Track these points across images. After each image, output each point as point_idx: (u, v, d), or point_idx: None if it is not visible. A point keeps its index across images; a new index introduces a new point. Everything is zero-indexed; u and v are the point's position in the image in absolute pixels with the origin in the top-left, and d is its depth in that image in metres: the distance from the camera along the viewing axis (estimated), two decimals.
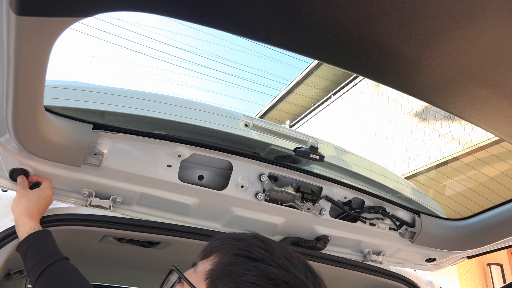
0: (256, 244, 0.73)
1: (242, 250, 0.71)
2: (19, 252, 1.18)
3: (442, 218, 1.84)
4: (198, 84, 55.18)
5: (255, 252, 0.71)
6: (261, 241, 0.74)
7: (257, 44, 18.32)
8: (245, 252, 0.71)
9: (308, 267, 0.74)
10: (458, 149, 6.47)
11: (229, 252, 0.72)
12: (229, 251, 0.72)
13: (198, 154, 1.42)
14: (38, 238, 1.18)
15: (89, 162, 1.31)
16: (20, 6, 0.69)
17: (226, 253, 0.72)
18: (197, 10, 0.71)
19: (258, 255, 0.70)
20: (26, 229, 1.19)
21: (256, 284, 0.66)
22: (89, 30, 21.31)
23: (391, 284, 1.88)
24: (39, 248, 1.16)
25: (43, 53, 0.84)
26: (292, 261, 0.72)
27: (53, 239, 1.20)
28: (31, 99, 0.99)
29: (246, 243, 0.73)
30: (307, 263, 0.76)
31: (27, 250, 1.15)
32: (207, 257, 0.75)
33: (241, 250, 0.72)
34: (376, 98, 8.80)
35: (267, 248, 0.72)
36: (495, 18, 0.66)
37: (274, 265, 0.69)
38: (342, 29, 0.71)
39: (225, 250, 0.73)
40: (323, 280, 0.76)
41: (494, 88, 0.83)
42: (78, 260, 1.79)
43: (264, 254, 0.71)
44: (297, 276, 0.69)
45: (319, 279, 0.74)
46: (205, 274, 0.70)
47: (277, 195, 1.53)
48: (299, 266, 0.72)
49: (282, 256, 0.72)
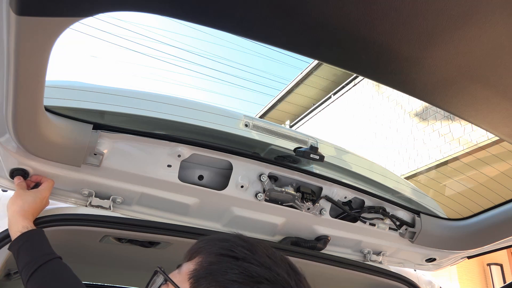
0: (239, 244, 0.74)
1: (225, 250, 0.72)
2: (11, 251, 1.16)
3: (442, 218, 1.84)
4: (198, 84, 55.18)
5: (238, 252, 0.72)
6: (244, 241, 0.75)
7: (257, 44, 18.32)
8: (228, 251, 0.72)
9: (290, 266, 0.75)
10: (458, 149, 6.47)
11: (212, 252, 0.73)
12: (213, 251, 0.73)
13: (198, 154, 1.42)
14: (30, 237, 1.16)
15: (89, 162, 1.31)
16: (20, 6, 0.69)
17: (210, 253, 0.73)
18: (197, 10, 0.71)
19: (241, 254, 0.71)
20: (19, 227, 1.17)
21: (238, 282, 0.67)
22: (89, 30, 21.30)
23: (391, 284, 1.88)
24: (31, 247, 1.14)
25: (43, 53, 0.84)
26: (275, 260, 0.73)
27: (46, 239, 1.19)
28: (31, 99, 0.99)
29: (230, 243, 0.74)
30: (290, 262, 0.77)
31: (19, 249, 1.14)
32: (192, 258, 0.76)
33: (224, 249, 0.73)
34: (376, 98, 8.80)
35: (250, 247, 0.73)
36: (495, 18, 0.66)
37: (256, 264, 0.70)
38: (342, 29, 0.71)
39: (208, 250, 0.74)
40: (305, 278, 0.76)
41: (494, 88, 0.83)
42: (78, 260, 1.79)
43: (247, 253, 0.72)
44: (279, 274, 0.70)
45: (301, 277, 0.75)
46: (188, 274, 0.71)
47: (277, 195, 1.53)
48: (281, 264, 0.73)
49: (264, 255, 0.73)
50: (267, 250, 0.75)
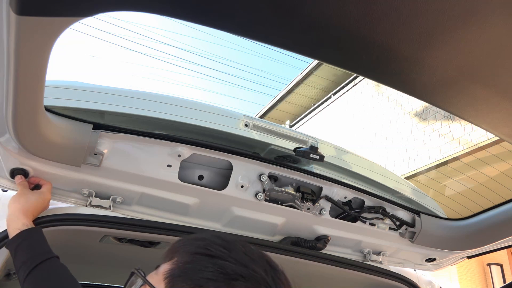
0: (216, 242, 0.74)
1: (201, 249, 0.73)
2: (8, 249, 1.15)
3: (442, 218, 1.84)
4: (198, 84, 55.16)
5: (214, 250, 0.72)
6: (222, 239, 0.75)
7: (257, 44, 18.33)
8: (204, 250, 0.72)
9: (269, 263, 0.75)
10: (458, 149, 6.47)
11: (188, 252, 0.73)
12: (188, 251, 0.73)
13: (198, 154, 1.42)
14: (29, 235, 1.16)
15: (89, 162, 1.31)
16: (20, 6, 0.69)
17: (186, 253, 0.73)
18: (197, 10, 0.71)
19: (216, 252, 0.71)
20: (19, 225, 1.17)
21: (213, 279, 0.67)
22: (89, 30, 21.31)
23: (391, 284, 1.88)
24: (29, 245, 1.14)
25: (43, 53, 0.84)
26: (252, 257, 0.73)
27: (44, 238, 1.18)
28: (31, 99, 0.99)
29: (206, 241, 0.74)
30: (269, 259, 0.76)
31: (17, 247, 1.13)
32: (169, 258, 0.76)
33: (200, 248, 0.73)
34: (376, 98, 8.80)
35: (226, 245, 0.74)
36: (495, 18, 0.66)
37: (232, 261, 0.70)
38: (342, 29, 0.71)
39: (184, 250, 0.74)
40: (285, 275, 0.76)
41: (494, 88, 0.83)
42: (78, 260, 1.79)
43: (223, 251, 0.72)
44: (256, 271, 0.70)
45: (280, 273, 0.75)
46: (164, 274, 0.71)
47: (277, 195, 1.53)
48: (259, 262, 0.73)
49: (241, 253, 0.73)
50: (244, 247, 0.75)
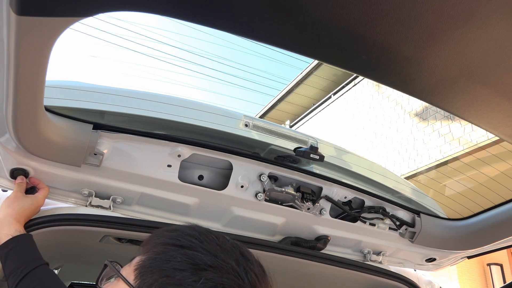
0: (188, 233, 0.74)
1: (172, 239, 0.73)
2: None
3: (442, 218, 1.84)
4: (198, 84, 55.18)
5: (184, 240, 0.72)
6: (195, 230, 0.75)
7: (257, 44, 18.33)
8: (174, 241, 0.72)
9: (242, 254, 0.75)
10: (458, 149, 6.47)
11: (159, 243, 0.73)
12: (160, 242, 0.74)
13: (198, 154, 1.42)
14: (20, 242, 1.16)
15: (89, 162, 1.31)
16: (20, 6, 0.69)
17: (157, 244, 0.73)
18: (197, 10, 0.71)
19: (187, 243, 0.71)
20: (11, 231, 1.17)
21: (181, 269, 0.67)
22: (89, 30, 21.32)
23: (391, 284, 1.88)
24: (21, 252, 1.14)
25: (43, 53, 0.84)
26: (225, 248, 0.73)
27: (34, 244, 1.18)
28: (31, 99, 0.99)
29: (178, 232, 0.74)
30: (243, 250, 0.76)
31: (8, 253, 1.12)
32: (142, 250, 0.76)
33: (171, 239, 0.73)
34: (376, 98, 8.80)
35: (198, 236, 0.73)
36: (495, 18, 0.66)
37: (201, 251, 0.70)
38: (342, 29, 0.71)
39: (156, 241, 0.74)
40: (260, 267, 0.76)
41: (494, 88, 0.83)
42: (78, 260, 1.79)
43: (193, 241, 0.72)
44: (226, 261, 0.70)
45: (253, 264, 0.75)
46: (135, 266, 0.72)
47: (277, 195, 1.53)
48: (231, 252, 0.73)
49: (213, 243, 0.73)
50: (218, 238, 0.75)
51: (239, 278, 0.70)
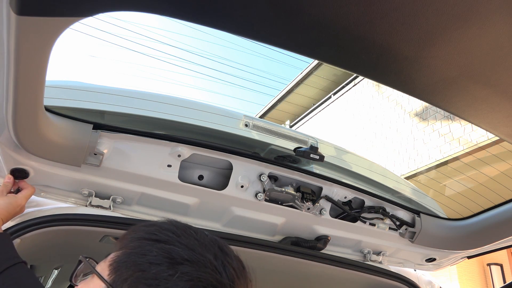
0: (166, 228, 0.73)
1: (148, 234, 0.72)
2: None
3: (442, 218, 1.84)
4: (198, 84, 55.16)
5: (161, 235, 0.71)
6: (173, 225, 0.74)
7: (257, 44, 18.34)
8: (151, 235, 0.71)
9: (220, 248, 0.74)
10: (458, 149, 6.47)
11: (135, 237, 0.72)
12: (136, 236, 0.73)
13: (198, 154, 1.42)
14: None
15: (89, 162, 1.31)
16: (20, 6, 0.69)
17: (133, 239, 0.72)
18: (197, 10, 0.71)
19: (164, 237, 0.70)
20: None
21: (155, 263, 0.66)
22: (89, 30, 21.33)
23: (391, 284, 1.88)
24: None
25: (43, 53, 0.84)
26: (203, 242, 0.72)
27: (11, 242, 1.14)
28: (31, 99, 0.99)
29: (155, 227, 0.73)
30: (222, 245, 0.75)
31: None
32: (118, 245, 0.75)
33: (148, 234, 0.72)
34: (376, 98, 8.80)
35: (176, 230, 0.72)
36: (495, 18, 0.66)
37: (178, 245, 0.69)
38: (342, 29, 0.71)
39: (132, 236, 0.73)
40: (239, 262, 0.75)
41: (494, 88, 0.83)
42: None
43: (170, 236, 0.71)
44: (203, 255, 0.69)
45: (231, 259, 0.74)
46: (110, 261, 0.71)
47: (277, 195, 1.53)
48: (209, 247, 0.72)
49: (191, 238, 0.72)
50: (196, 233, 0.74)
51: (217, 272, 0.69)
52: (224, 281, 0.69)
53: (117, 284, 0.66)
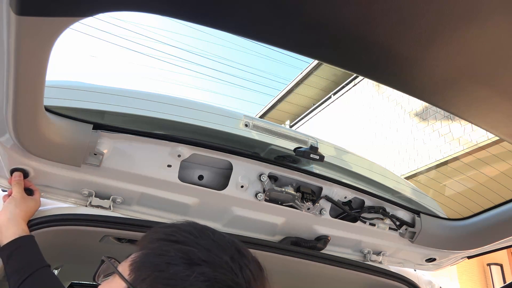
0: (184, 229, 0.74)
1: (167, 235, 0.73)
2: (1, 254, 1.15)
3: (442, 218, 1.84)
4: (198, 84, 55.19)
5: (179, 236, 0.72)
6: (191, 226, 0.75)
7: (257, 44, 18.34)
8: (169, 236, 0.72)
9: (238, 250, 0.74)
10: (458, 149, 6.47)
11: (154, 238, 0.74)
12: (155, 237, 0.74)
13: (198, 154, 1.42)
14: (25, 242, 1.17)
15: (89, 162, 1.31)
16: (20, 6, 0.69)
17: (152, 240, 0.74)
18: (197, 10, 0.71)
19: (182, 238, 0.71)
20: (19, 230, 1.18)
21: (173, 264, 0.67)
22: (89, 30, 21.32)
23: (391, 284, 1.88)
24: (25, 253, 1.15)
25: (43, 53, 0.84)
26: (220, 244, 0.73)
27: (37, 245, 1.20)
28: (31, 99, 0.99)
29: (174, 228, 0.75)
30: (239, 247, 0.76)
31: (12, 252, 1.13)
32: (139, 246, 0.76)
33: (166, 235, 0.73)
34: (376, 98, 8.80)
35: (194, 232, 0.74)
36: (495, 18, 0.66)
37: (195, 246, 0.70)
38: (342, 29, 0.71)
39: (152, 237, 0.75)
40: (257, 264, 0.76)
41: (494, 88, 0.83)
42: (78, 260, 1.79)
43: (188, 237, 0.72)
44: (220, 256, 0.70)
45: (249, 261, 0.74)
46: (130, 261, 0.72)
47: (277, 195, 1.53)
48: (227, 249, 0.73)
49: (209, 239, 0.73)
50: (214, 235, 0.75)
51: (233, 274, 0.69)
52: (241, 282, 0.70)
53: (137, 284, 0.68)
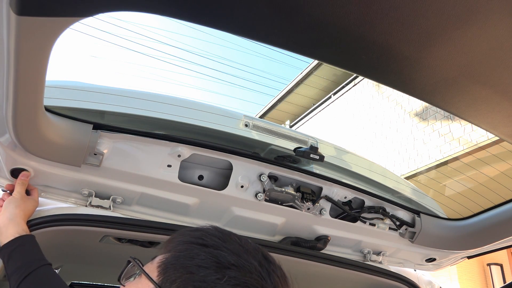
0: (211, 233, 0.74)
1: (196, 238, 0.73)
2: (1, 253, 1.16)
3: (442, 218, 1.84)
4: (198, 84, 55.19)
5: (208, 240, 0.72)
6: (218, 231, 0.76)
7: (257, 44, 18.34)
8: (198, 239, 0.73)
9: (264, 256, 0.75)
10: (458, 149, 6.47)
11: (183, 241, 0.74)
12: (183, 241, 0.74)
13: (198, 154, 1.42)
14: (25, 241, 1.17)
15: (89, 162, 1.31)
16: (20, 6, 0.69)
17: (180, 243, 0.74)
18: (197, 10, 0.71)
19: (211, 242, 0.72)
20: (19, 230, 1.19)
21: (204, 267, 0.67)
22: (89, 30, 21.32)
23: (391, 284, 1.88)
24: (25, 251, 1.15)
25: (43, 53, 0.84)
26: (247, 249, 0.73)
27: (37, 244, 1.20)
28: (31, 99, 0.99)
29: (201, 232, 0.75)
30: (265, 253, 0.76)
31: (12, 252, 1.14)
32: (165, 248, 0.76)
33: (195, 238, 0.73)
34: (376, 98, 8.80)
35: (221, 236, 0.74)
36: (495, 18, 0.66)
37: (225, 250, 0.71)
38: (342, 29, 0.71)
39: (180, 240, 0.75)
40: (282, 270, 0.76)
41: (494, 88, 0.83)
42: (78, 260, 1.79)
43: (217, 241, 0.72)
44: (249, 261, 0.70)
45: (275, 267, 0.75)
46: (158, 263, 0.73)
47: (277, 195, 1.53)
48: (254, 254, 0.73)
49: (236, 244, 0.73)
50: (240, 240, 0.75)
51: (262, 279, 0.70)
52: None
53: (166, 285, 0.68)
